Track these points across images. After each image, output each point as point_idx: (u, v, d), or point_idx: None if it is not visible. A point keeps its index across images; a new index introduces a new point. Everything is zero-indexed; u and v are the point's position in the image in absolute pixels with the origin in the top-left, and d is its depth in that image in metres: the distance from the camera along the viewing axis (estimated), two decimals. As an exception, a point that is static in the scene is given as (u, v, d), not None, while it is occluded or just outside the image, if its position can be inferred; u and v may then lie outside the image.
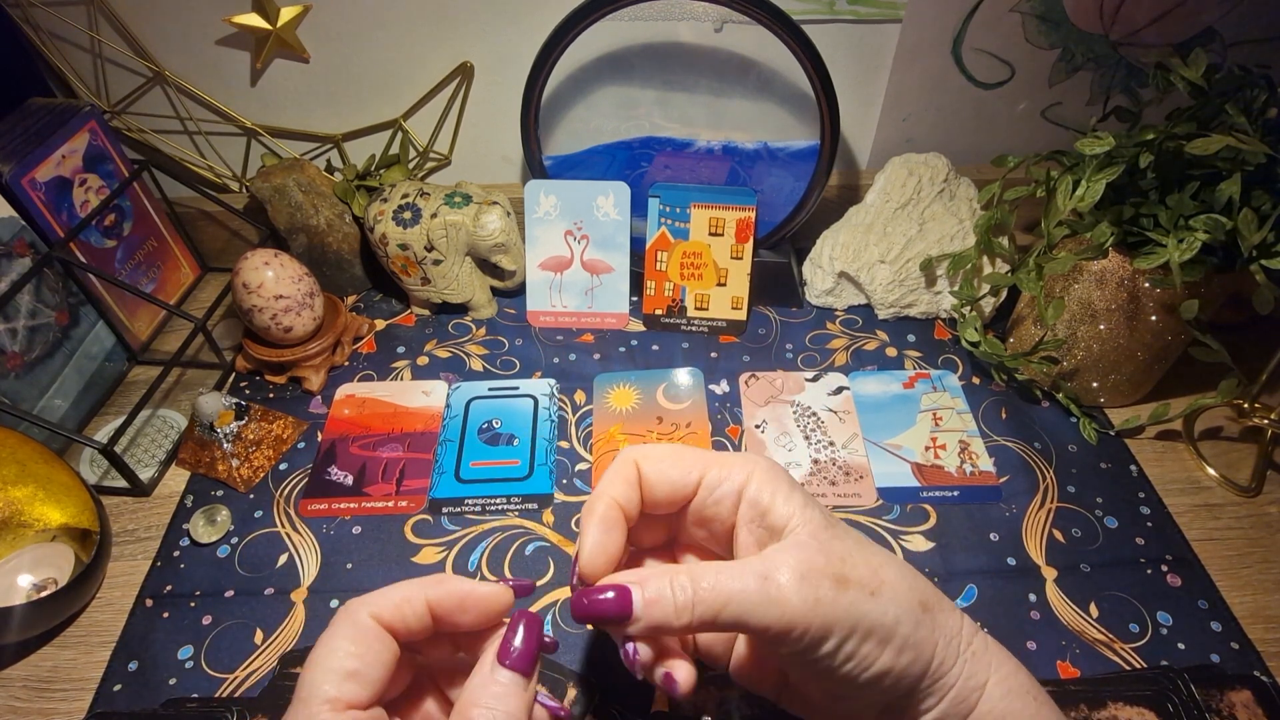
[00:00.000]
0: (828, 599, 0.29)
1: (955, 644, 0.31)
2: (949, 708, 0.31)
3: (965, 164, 0.69)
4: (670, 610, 0.29)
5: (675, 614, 0.29)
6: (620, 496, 0.33)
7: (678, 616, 0.29)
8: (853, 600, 0.29)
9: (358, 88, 0.68)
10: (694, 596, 0.29)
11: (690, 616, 0.29)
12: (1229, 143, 0.44)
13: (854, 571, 0.30)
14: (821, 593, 0.29)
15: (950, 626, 0.31)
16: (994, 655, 0.32)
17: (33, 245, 0.56)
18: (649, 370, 0.63)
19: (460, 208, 0.63)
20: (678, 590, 0.29)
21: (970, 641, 0.32)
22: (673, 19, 0.63)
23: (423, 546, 0.51)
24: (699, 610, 0.29)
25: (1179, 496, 0.53)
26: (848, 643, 0.29)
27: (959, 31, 0.65)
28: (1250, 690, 0.43)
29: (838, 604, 0.29)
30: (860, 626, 0.29)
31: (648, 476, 0.33)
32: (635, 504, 0.34)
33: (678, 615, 0.29)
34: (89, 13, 0.63)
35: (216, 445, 0.55)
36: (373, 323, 0.68)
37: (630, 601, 0.29)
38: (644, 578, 0.30)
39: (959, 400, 0.59)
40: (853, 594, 0.29)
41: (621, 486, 0.33)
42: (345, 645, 0.29)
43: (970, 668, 0.31)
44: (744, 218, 0.63)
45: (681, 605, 0.29)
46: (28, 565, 0.49)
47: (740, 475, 0.33)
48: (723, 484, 0.33)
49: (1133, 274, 0.50)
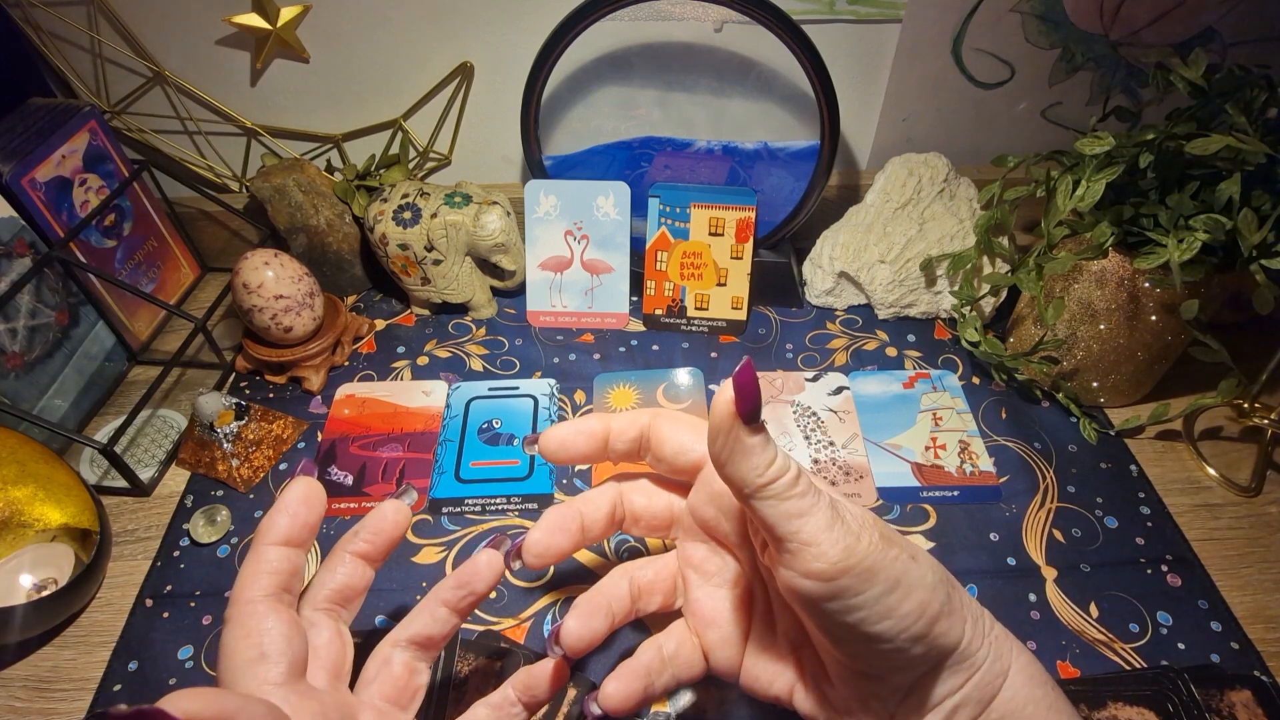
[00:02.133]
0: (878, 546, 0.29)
1: (982, 624, 0.31)
2: (972, 691, 0.31)
3: (965, 164, 0.69)
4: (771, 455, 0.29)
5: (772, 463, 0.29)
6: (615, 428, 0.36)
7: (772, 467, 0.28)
8: (896, 556, 0.29)
9: (358, 88, 0.68)
10: (786, 467, 0.29)
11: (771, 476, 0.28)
12: (1229, 143, 0.44)
13: (895, 538, 0.30)
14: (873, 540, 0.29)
15: (975, 608, 0.32)
16: (1014, 644, 0.32)
17: (33, 245, 0.56)
18: (649, 370, 0.63)
19: (460, 208, 0.63)
20: (779, 454, 0.29)
21: (992, 628, 0.32)
22: (673, 19, 0.63)
23: (423, 546, 0.51)
24: (782, 481, 0.28)
25: (1179, 496, 0.53)
26: (889, 595, 0.29)
27: (959, 31, 0.65)
28: (1250, 690, 0.43)
29: (886, 554, 0.29)
30: (903, 581, 0.29)
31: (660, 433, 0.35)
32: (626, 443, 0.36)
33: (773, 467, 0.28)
34: (89, 13, 0.63)
35: (216, 445, 0.55)
36: (373, 323, 0.68)
37: (759, 412, 0.29)
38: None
39: (959, 400, 0.59)
40: (896, 551, 0.29)
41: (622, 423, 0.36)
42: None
43: (996, 650, 0.31)
44: (744, 218, 0.63)
45: (778, 464, 0.29)
46: (28, 565, 0.49)
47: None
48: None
49: (1133, 274, 0.50)
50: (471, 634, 0.46)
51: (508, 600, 0.48)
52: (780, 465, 0.29)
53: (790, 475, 0.29)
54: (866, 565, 0.28)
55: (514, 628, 0.46)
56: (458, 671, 0.44)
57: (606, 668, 0.44)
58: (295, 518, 0.33)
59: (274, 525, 0.33)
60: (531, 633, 0.46)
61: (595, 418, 0.36)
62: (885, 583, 0.28)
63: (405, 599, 0.48)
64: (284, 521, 0.33)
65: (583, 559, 0.50)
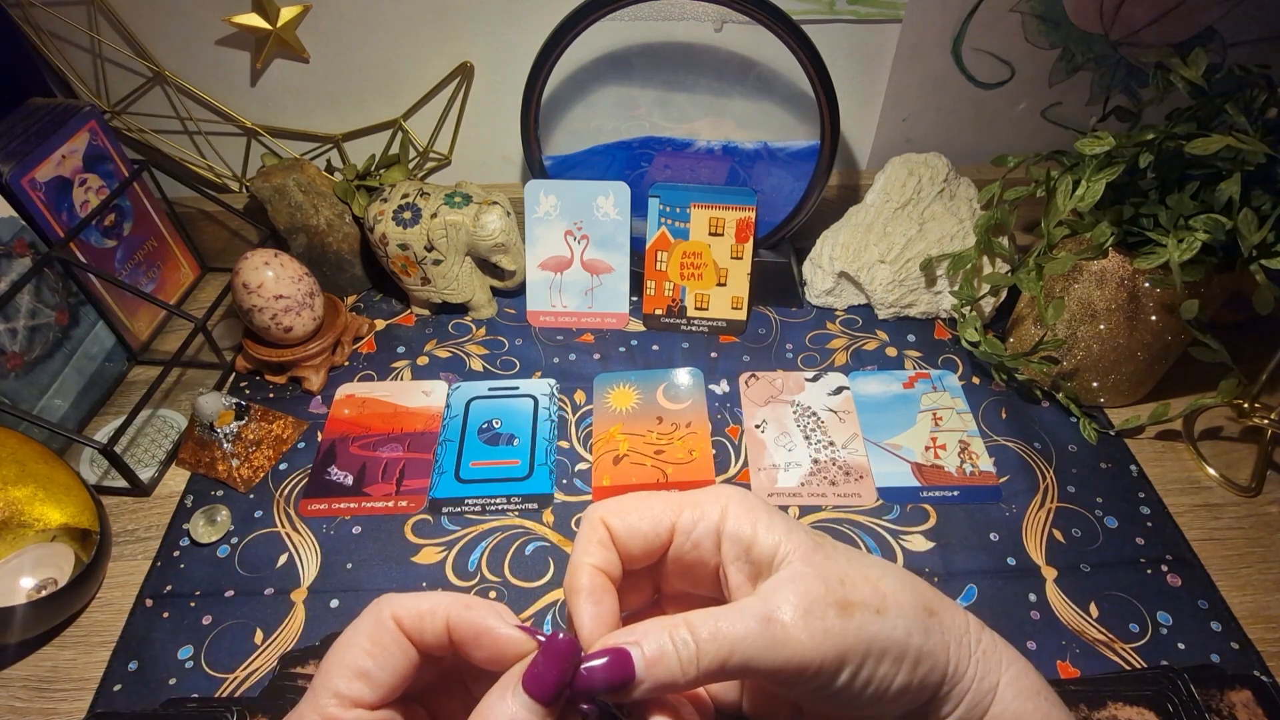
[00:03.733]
0: (836, 629, 0.27)
1: (966, 643, 0.30)
2: (965, 712, 0.30)
3: (965, 164, 0.69)
4: (675, 667, 0.27)
5: (681, 670, 0.27)
6: (599, 561, 0.31)
7: (684, 673, 0.27)
8: (860, 624, 0.27)
9: (358, 88, 0.68)
10: (697, 649, 0.27)
11: (696, 670, 0.27)
12: (1229, 143, 0.44)
13: (855, 593, 0.28)
14: (829, 623, 0.27)
15: (958, 626, 0.31)
16: (1003, 653, 0.31)
17: (33, 245, 0.55)
18: (649, 370, 0.63)
19: (460, 208, 0.63)
20: (680, 644, 0.27)
21: (980, 639, 0.31)
22: (673, 19, 0.63)
23: (423, 546, 0.51)
24: (704, 663, 0.27)
25: (1179, 496, 0.53)
26: (864, 668, 0.27)
27: (959, 31, 0.65)
28: (1250, 690, 0.43)
29: (846, 631, 0.27)
30: (874, 649, 0.27)
31: (618, 533, 0.31)
32: (616, 564, 0.32)
33: (684, 671, 0.27)
34: (89, 13, 0.63)
35: (216, 445, 0.55)
36: (373, 323, 0.68)
37: (630, 664, 0.27)
38: (640, 634, 0.27)
39: (959, 400, 0.59)
40: (859, 617, 0.28)
41: (597, 550, 0.31)
42: (363, 642, 0.28)
43: (983, 668, 0.30)
44: (744, 218, 0.63)
45: (686, 660, 0.27)
46: (28, 565, 0.49)
47: (715, 512, 0.31)
48: (698, 525, 0.31)
49: (1133, 274, 0.50)
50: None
51: (508, 600, 0.48)
52: (686, 657, 0.27)
53: (703, 656, 0.27)
54: (833, 657, 0.27)
55: (514, 628, 0.46)
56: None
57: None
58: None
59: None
60: (531, 633, 0.46)
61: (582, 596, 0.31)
62: (856, 660, 0.27)
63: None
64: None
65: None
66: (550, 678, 0.27)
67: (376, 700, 0.28)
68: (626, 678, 0.27)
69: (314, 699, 0.27)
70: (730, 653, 0.27)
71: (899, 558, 0.49)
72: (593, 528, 0.32)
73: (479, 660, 0.29)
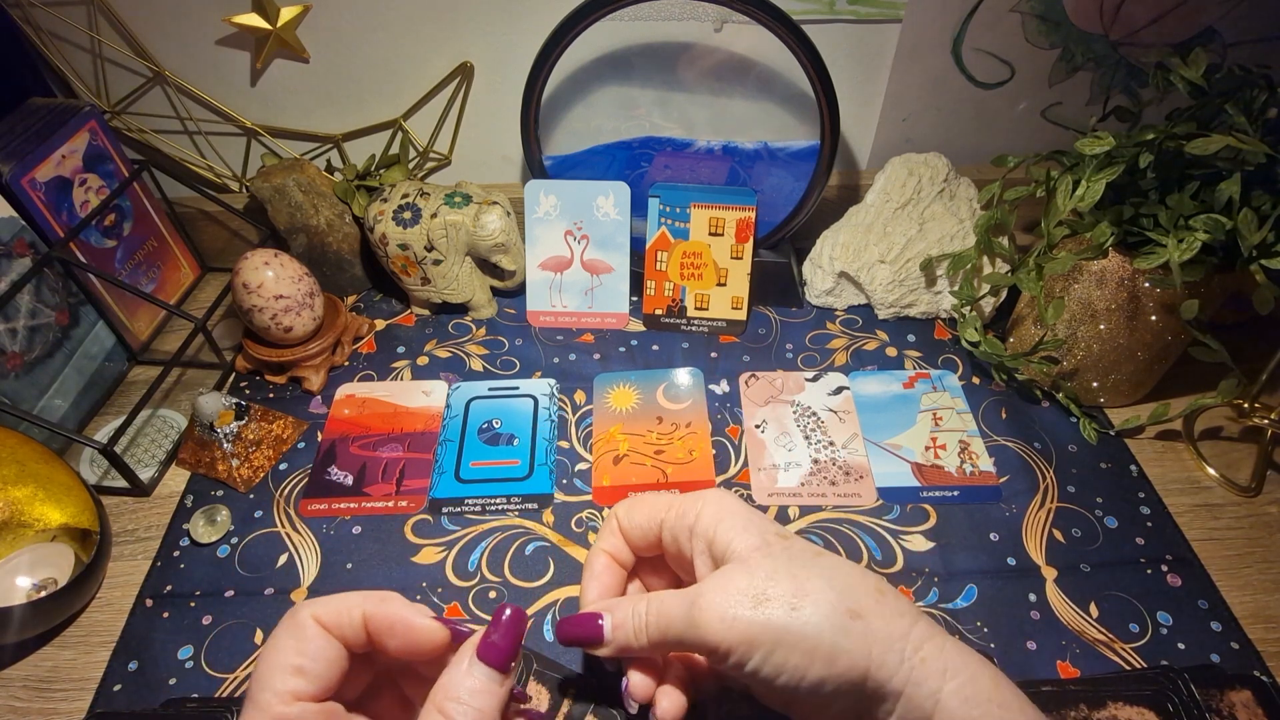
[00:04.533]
0: (744, 617, 0.31)
1: (898, 649, 0.31)
2: (904, 713, 0.31)
3: (965, 164, 0.69)
4: (630, 633, 0.33)
5: (634, 636, 0.33)
6: (609, 547, 0.38)
7: (636, 639, 0.33)
8: (770, 615, 0.31)
9: (358, 88, 0.68)
10: (646, 622, 0.33)
11: (645, 639, 0.33)
12: (1229, 143, 0.44)
13: (776, 588, 0.32)
14: (739, 611, 0.31)
15: (889, 632, 0.31)
16: (951, 661, 0.31)
17: (33, 245, 0.55)
18: (649, 370, 0.63)
19: (460, 208, 0.63)
20: (635, 616, 0.33)
21: (919, 648, 0.31)
22: (673, 19, 0.63)
23: (423, 546, 0.51)
24: (650, 633, 0.33)
25: (1179, 496, 0.53)
26: (774, 655, 0.30)
27: (959, 31, 0.65)
28: (1250, 690, 0.43)
29: (754, 620, 0.31)
30: (783, 640, 0.30)
31: (624, 526, 0.38)
32: (625, 551, 0.39)
33: (636, 637, 0.33)
34: (89, 13, 0.63)
35: (216, 445, 0.55)
36: (373, 323, 0.68)
37: (600, 626, 0.34)
38: (613, 605, 0.34)
39: (959, 400, 0.59)
40: (771, 609, 0.31)
41: (609, 538, 0.39)
42: (289, 643, 0.30)
43: (918, 674, 0.31)
44: (744, 218, 0.63)
45: (638, 629, 0.33)
46: (28, 565, 0.49)
47: (691, 513, 0.36)
48: (679, 523, 0.36)
49: (1133, 274, 0.50)
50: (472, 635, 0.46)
51: (508, 600, 0.48)
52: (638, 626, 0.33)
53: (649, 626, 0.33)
54: (740, 639, 0.30)
55: (514, 628, 0.46)
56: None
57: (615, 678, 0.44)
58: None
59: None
60: (531, 632, 0.46)
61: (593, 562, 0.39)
62: (765, 647, 0.30)
63: (405, 599, 0.48)
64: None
65: (583, 559, 0.50)
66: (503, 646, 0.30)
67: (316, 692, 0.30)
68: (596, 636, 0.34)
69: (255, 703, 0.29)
70: (667, 628, 0.32)
71: (899, 558, 0.49)
72: (609, 520, 0.39)
73: (395, 650, 0.31)
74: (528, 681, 0.43)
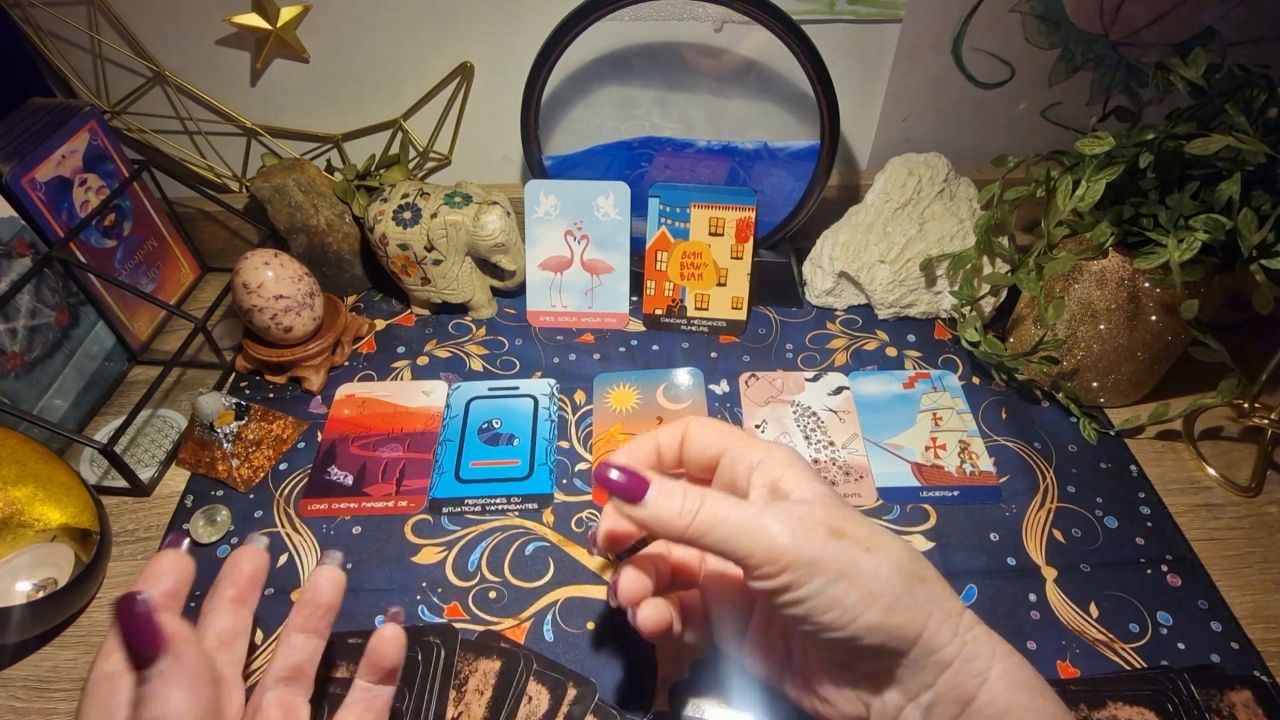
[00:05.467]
0: (817, 541, 0.30)
1: (953, 622, 0.31)
2: (945, 689, 0.31)
3: (965, 164, 0.69)
4: (675, 511, 0.32)
5: (677, 515, 0.32)
6: (664, 442, 0.38)
7: (678, 519, 0.32)
8: (844, 548, 0.30)
9: (358, 88, 0.68)
10: (698, 508, 0.31)
11: (685, 522, 0.32)
12: (1229, 143, 0.44)
13: (851, 529, 0.31)
14: (813, 536, 0.30)
15: (948, 606, 0.32)
16: (998, 647, 0.32)
17: (33, 245, 0.55)
18: (649, 370, 0.63)
19: (460, 208, 0.63)
20: (687, 498, 0.32)
21: (971, 628, 0.32)
22: (673, 19, 0.63)
23: (423, 546, 0.51)
24: (697, 521, 0.31)
25: (1179, 496, 0.53)
26: (833, 586, 0.30)
27: (959, 31, 0.65)
28: (1250, 690, 0.43)
29: (826, 547, 0.30)
30: (849, 573, 0.30)
31: (690, 433, 0.38)
32: (673, 452, 0.38)
33: (679, 517, 0.32)
34: (89, 13, 0.63)
35: (216, 445, 0.55)
36: (373, 323, 0.68)
37: (646, 487, 0.32)
38: (661, 480, 0.33)
39: (959, 400, 0.59)
40: (845, 543, 0.31)
41: (668, 436, 0.38)
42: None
43: (970, 650, 0.31)
44: (744, 218, 0.63)
45: (685, 510, 0.32)
46: (28, 565, 0.49)
47: (759, 452, 0.35)
48: (743, 454, 0.36)
49: (1133, 274, 0.50)
50: (472, 634, 0.46)
51: (508, 600, 0.48)
52: (687, 509, 0.32)
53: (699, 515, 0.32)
54: (805, 559, 0.30)
55: (514, 628, 0.46)
56: (458, 672, 0.44)
57: (613, 676, 0.44)
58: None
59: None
60: (531, 632, 0.46)
61: (643, 437, 0.39)
62: (828, 574, 0.30)
63: (405, 599, 0.48)
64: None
65: (585, 560, 0.50)
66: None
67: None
68: (639, 490, 0.32)
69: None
70: (717, 524, 0.31)
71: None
72: (677, 424, 0.38)
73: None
74: (528, 681, 0.43)
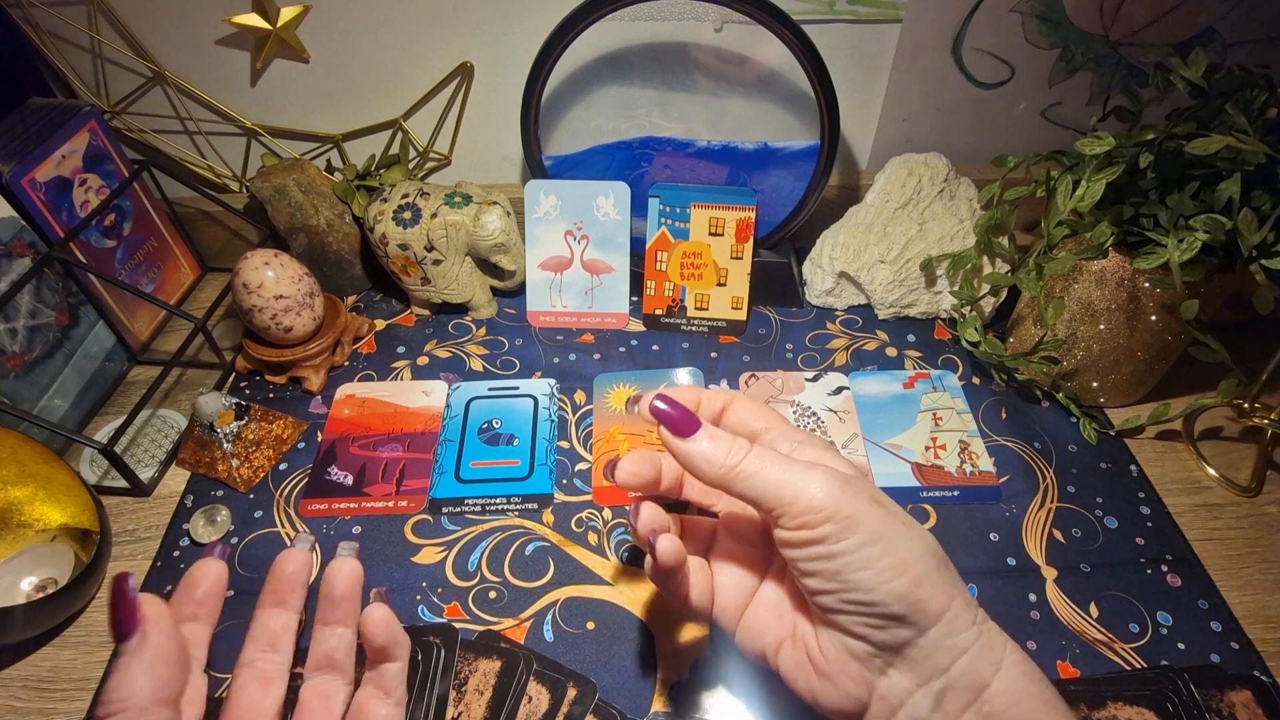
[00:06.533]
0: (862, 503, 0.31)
1: (973, 610, 0.32)
2: (961, 674, 0.31)
3: (965, 164, 0.69)
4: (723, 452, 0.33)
5: (725, 455, 0.33)
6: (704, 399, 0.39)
7: (727, 457, 0.33)
8: (884, 515, 0.32)
9: (358, 88, 0.68)
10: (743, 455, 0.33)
11: (734, 461, 0.33)
12: (1229, 143, 0.44)
13: (891, 505, 0.33)
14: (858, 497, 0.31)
15: (969, 596, 0.33)
16: (1009, 639, 0.33)
17: (33, 245, 0.56)
18: (649, 370, 0.63)
19: (460, 208, 0.63)
20: (735, 444, 0.33)
21: (986, 619, 0.33)
22: (673, 19, 0.63)
23: (423, 546, 0.51)
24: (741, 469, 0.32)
25: (1179, 496, 0.53)
26: (870, 547, 0.31)
27: (959, 31, 0.65)
28: (1250, 690, 0.43)
29: (869, 510, 0.31)
30: (886, 538, 0.31)
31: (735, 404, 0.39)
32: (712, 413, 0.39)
33: (728, 456, 0.33)
34: (89, 13, 0.63)
35: (216, 445, 0.55)
36: (373, 323, 0.68)
37: (698, 425, 0.34)
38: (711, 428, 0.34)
39: (959, 400, 0.59)
40: (885, 511, 0.32)
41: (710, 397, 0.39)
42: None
43: (986, 639, 0.32)
44: (744, 218, 0.63)
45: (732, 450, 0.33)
46: (28, 565, 0.49)
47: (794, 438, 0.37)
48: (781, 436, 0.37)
49: (1133, 274, 0.50)
50: (472, 634, 0.46)
51: (508, 600, 0.48)
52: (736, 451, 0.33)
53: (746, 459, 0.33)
54: (847, 514, 0.31)
55: (514, 628, 0.46)
56: (458, 672, 0.44)
57: (613, 676, 0.44)
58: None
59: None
60: (531, 632, 0.46)
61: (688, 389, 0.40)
62: (866, 534, 0.31)
63: (405, 599, 0.48)
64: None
65: (585, 560, 0.50)
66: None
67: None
68: (692, 424, 0.34)
69: None
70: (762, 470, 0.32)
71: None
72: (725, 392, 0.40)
73: None
74: (528, 681, 0.43)
